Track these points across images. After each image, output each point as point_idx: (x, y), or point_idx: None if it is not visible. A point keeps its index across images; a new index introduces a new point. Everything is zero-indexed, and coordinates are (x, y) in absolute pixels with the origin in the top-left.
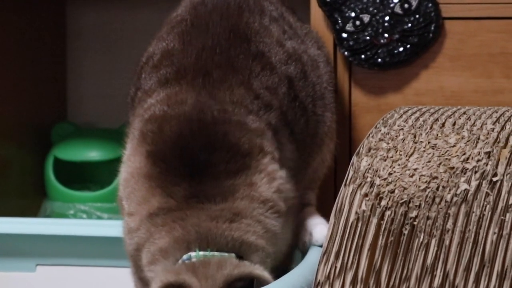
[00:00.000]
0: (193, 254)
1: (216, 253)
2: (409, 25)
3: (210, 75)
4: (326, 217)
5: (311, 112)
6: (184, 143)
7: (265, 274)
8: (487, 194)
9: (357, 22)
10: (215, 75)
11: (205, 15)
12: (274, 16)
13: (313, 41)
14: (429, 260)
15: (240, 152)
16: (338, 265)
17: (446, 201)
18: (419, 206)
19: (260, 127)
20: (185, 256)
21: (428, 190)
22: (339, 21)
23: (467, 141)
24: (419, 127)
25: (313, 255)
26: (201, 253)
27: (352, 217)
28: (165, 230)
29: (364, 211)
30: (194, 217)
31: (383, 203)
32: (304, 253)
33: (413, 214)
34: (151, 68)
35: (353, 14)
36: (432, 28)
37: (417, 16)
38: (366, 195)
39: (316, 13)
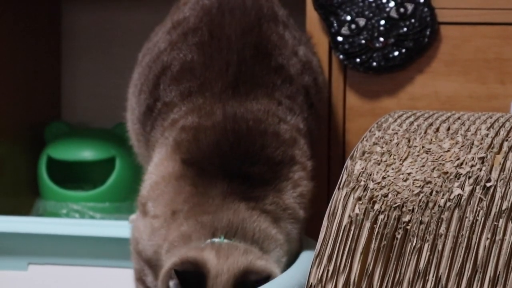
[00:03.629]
0: (217, 240)
1: (239, 244)
2: (405, 29)
3: (238, 88)
4: (320, 220)
5: (321, 117)
6: (221, 153)
7: None
8: (481, 200)
9: (353, 26)
10: (242, 88)
11: (224, 26)
12: (284, 21)
13: (309, 45)
14: (421, 265)
15: (274, 163)
16: (331, 268)
17: (439, 206)
18: (413, 210)
19: (293, 137)
20: (209, 241)
21: (421, 194)
22: (335, 25)
23: (461, 146)
24: (413, 132)
25: (305, 258)
26: (225, 240)
27: (345, 220)
28: (189, 219)
29: (357, 214)
30: (228, 209)
31: (376, 207)
32: None
33: (406, 218)
34: (171, 80)
35: (348, 18)
36: (428, 32)
37: (412, 20)
38: (359, 198)
39: (312, 16)
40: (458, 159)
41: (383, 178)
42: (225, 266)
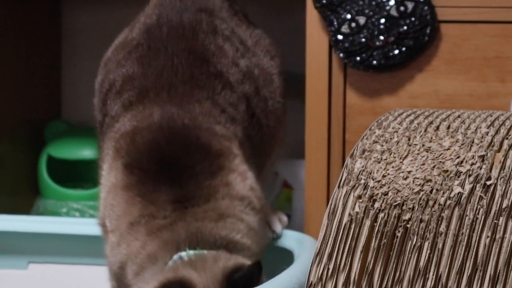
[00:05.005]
0: (183, 254)
1: (205, 252)
2: (405, 27)
3: (175, 90)
4: (319, 218)
5: (265, 126)
6: (158, 149)
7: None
8: (481, 198)
9: (353, 24)
10: (180, 89)
11: (161, 38)
12: (226, 34)
13: (265, 51)
14: (422, 263)
15: (212, 153)
16: (331, 267)
17: (439, 204)
18: (413, 208)
19: (228, 134)
20: (175, 257)
21: (421, 192)
22: (335, 23)
23: (462, 144)
24: (413, 130)
25: (305, 256)
26: (191, 252)
27: (345, 219)
28: (150, 236)
29: (357, 213)
30: (181, 219)
31: (376, 205)
32: None
33: (407, 216)
34: (115, 95)
35: (349, 16)
36: (428, 31)
37: (413, 19)
38: (359, 197)
39: (312, 15)
40: (458, 157)
41: (383, 176)
42: (209, 279)
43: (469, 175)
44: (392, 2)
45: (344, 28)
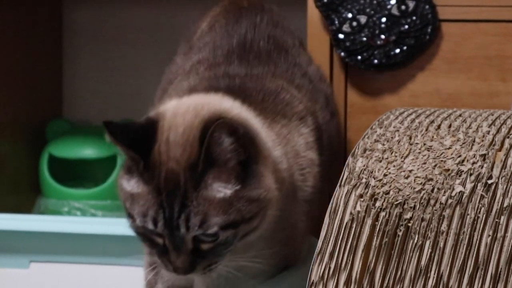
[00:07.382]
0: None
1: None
2: (406, 26)
3: (247, 58)
4: (321, 217)
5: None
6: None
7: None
8: (482, 197)
9: (354, 23)
10: (251, 57)
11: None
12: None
13: (319, 76)
14: (423, 262)
15: (280, 97)
16: (332, 266)
17: (441, 203)
18: (414, 207)
19: (305, 103)
20: None
21: (423, 191)
22: (336, 22)
23: (463, 143)
24: (414, 129)
25: (307, 255)
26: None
27: (347, 217)
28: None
29: (358, 212)
30: (231, 80)
31: (377, 204)
32: None
33: (408, 215)
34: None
35: (350, 15)
36: (429, 30)
37: (414, 17)
38: (361, 196)
39: (313, 14)
40: (460, 156)
41: (385, 175)
42: (190, 106)
43: (470, 174)
44: (393, 1)
45: (345, 27)
